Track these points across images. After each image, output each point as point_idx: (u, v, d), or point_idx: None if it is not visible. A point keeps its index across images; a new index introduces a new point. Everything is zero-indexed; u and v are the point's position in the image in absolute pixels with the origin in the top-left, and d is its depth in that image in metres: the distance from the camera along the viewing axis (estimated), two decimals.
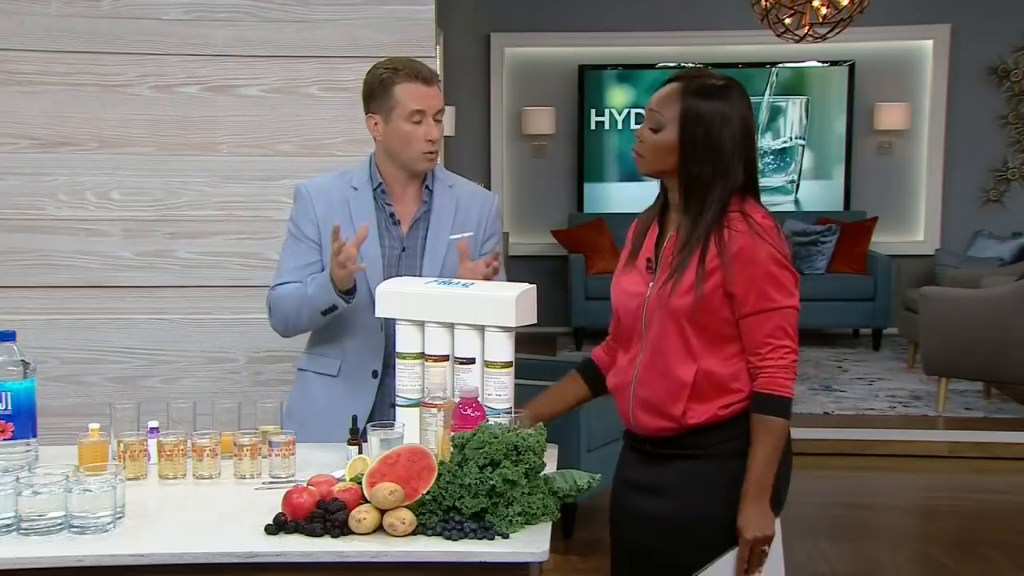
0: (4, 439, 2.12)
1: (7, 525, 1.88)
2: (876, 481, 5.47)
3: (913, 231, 8.69)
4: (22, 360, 2.16)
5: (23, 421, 2.15)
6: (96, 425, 2.23)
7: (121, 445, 2.21)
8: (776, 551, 2.11)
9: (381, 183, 2.57)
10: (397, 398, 2.30)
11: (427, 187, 2.59)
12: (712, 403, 2.11)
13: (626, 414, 2.22)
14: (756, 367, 2.09)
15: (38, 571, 1.81)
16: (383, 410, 2.51)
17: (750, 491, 2.07)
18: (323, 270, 2.53)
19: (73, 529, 1.88)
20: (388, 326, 2.50)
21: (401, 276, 2.49)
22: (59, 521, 1.88)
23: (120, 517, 1.93)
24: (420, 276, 2.51)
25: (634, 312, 2.17)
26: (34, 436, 2.18)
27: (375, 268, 2.50)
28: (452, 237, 2.56)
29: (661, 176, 2.17)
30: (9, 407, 2.13)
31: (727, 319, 2.09)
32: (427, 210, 2.58)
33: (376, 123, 2.53)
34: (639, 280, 2.18)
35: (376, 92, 2.51)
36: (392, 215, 2.56)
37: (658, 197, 2.24)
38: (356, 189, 2.57)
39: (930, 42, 8.47)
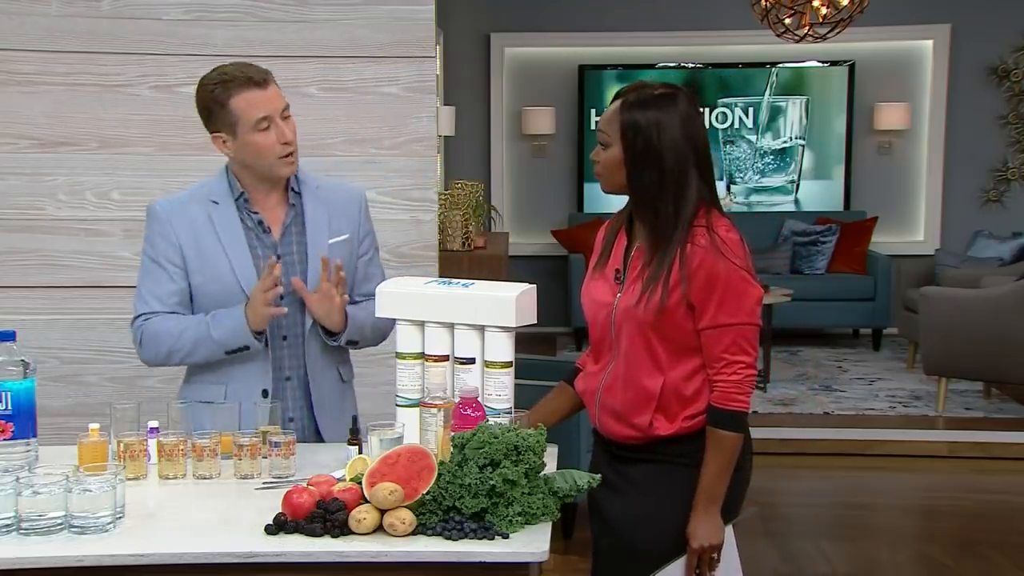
0: (4, 439, 2.12)
1: (7, 525, 1.88)
2: (876, 481, 5.47)
3: (913, 231, 8.69)
4: (22, 360, 2.16)
5: (23, 421, 2.15)
6: (96, 425, 2.22)
7: (121, 445, 2.21)
8: (732, 557, 2.19)
9: (243, 192, 2.46)
10: (397, 398, 2.30)
11: (292, 190, 2.49)
12: (678, 415, 2.17)
13: (593, 418, 2.29)
14: (712, 381, 2.15)
15: (38, 571, 1.81)
16: (282, 427, 2.41)
17: (700, 501, 2.15)
18: (191, 296, 2.45)
19: (73, 529, 1.88)
20: (275, 343, 2.46)
21: (281, 284, 2.41)
22: (59, 521, 1.88)
23: (120, 517, 1.93)
24: (305, 284, 2.44)
25: (602, 322, 2.23)
26: (34, 436, 2.18)
27: (250, 281, 2.42)
28: (331, 242, 2.48)
29: (621, 192, 2.21)
30: (9, 407, 2.13)
31: (691, 331, 2.14)
32: (297, 214, 2.49)
33: (224, 141, 2.41)
34: (607, 290, 2.23)
35: (212, 110, 2.38)
36: (261, 223, 2.47)
37: (626, 206, 2.27)
38: (217, 203, 2.45)
39: (930, 42, 8.47)
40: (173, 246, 2.45)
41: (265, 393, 2.46)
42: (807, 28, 6.52)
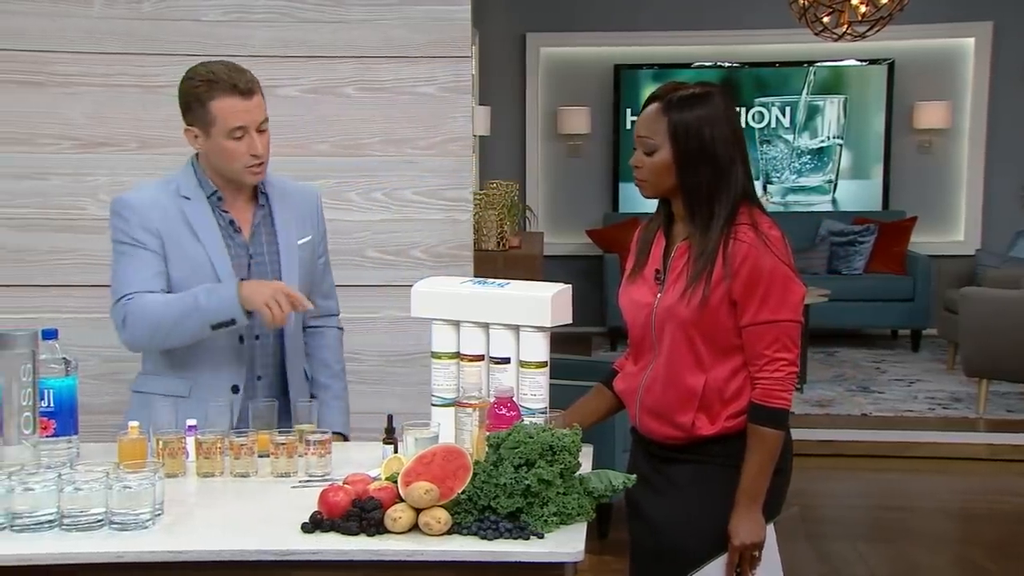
0: (46, 436, 2.15)
1: (50, 521, 1.90)
2: (915, 483, 5.41)
3: (953, 231, 8.59)
4: (64, 358, 2.19)
5: (65, 418, 2.18)
6: (136, 423, 2.25)
7: (160, 443, 2.23)
8: (772, 555, 2.17)
9: (216, 191, 2.45)
10: (433, 397, 2.31)
11: (260, 190, 2.50)
12: (720, 414, 2.16)
13: (633, 418, 2.29)
14: (754, 378, 2.14)
15: (79, 566, 1.83)
16: (248, 427, 2.35)
17: (741, 499, 2.14)
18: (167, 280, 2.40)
19: (114, 525, 1.90)
20: (249, 342, 2.44)
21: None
22: (100, 517, 1.90)
23: (159, 514, 1.95)
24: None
25: (643, 323, 2.21)
26: (75, 433, 2.21)
27: (229, 278, 2.40)
28: (300, 242, 2.51)
29: (667, 195, 2.20)
30: (51, 404, 2.16)
31: (733, 329, 2.14)
32: (265, 215, 2.50)
33: (196, 136, 2.40)
34: (647, 291, 2.22)
35: (192, 106, 2.38)
36: (232, 222, 2.46)
37: (659, 208, 2.26)
38: (188, 199, 2.43)
39: (971, 40, 8.36)
40: (152, 234, 2.40)
41: (236, 388, 2.45)
42: (845, 26, 6.46)
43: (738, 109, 8.00)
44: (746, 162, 2.17)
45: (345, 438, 2.58)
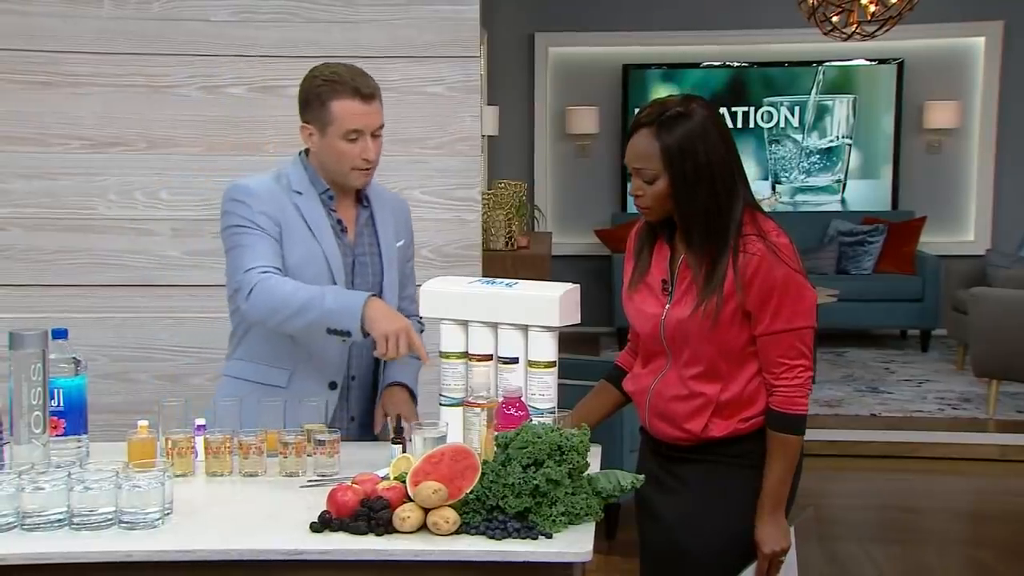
0: (56, 435, 2.15)
1: (59, 520, 1.91)
2: (924, 484, 5.39)
3: (963, 231, 8.56)
4: (73, 358, 2.20)
5: (74, 418, 2.18)
6: (145, 422, 2.25)
7: (169, 442, 2.24)
8: (791, 558, 2.18)
9: (327, 189, 2.47)
10: (441, 397, 2.31)
11: (363, 192, 2.53)
12: (733, 418, 2.16)
13: (643, 419, 2.28)
14: (772, 385, 2.14)
15: (88, 566, 1.84)
16: (341, 425, 2.40)
17: (766, 506, 2.14)
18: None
19: (123, 524, 1.91)
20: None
21: (355, 285, 2.45)
22: (109, 516, 1.91)
23: (168, 513, 1.95)
24: (382, 287, 2.49)
25: (651, 333, 2.20)
26: (85, 432, 2.21)
27: (340, 271, 2.44)
28: (397, 245, 2.56)
29: (671, 216, 2.16)
30: (61, 404, 2.17)
31: (747, 339, 2.13)
32: (368, 217, 2.52)
33: (311, 134, 2.42)
34: (654, 301, 2.20)
35: (311, 103, 2.40)
36: (340, 221, 2.49)
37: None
38: (301, 193, 2.44)
39: (982, 39, 8.33)
40: (273, 221, 2.40)
41: (333, 385, 2.48)
42: (855, 26, 6.44)
43: (722, 110, 7.96)
44: (742, 168, 2.14)
45: (412, 395, 2.54)
